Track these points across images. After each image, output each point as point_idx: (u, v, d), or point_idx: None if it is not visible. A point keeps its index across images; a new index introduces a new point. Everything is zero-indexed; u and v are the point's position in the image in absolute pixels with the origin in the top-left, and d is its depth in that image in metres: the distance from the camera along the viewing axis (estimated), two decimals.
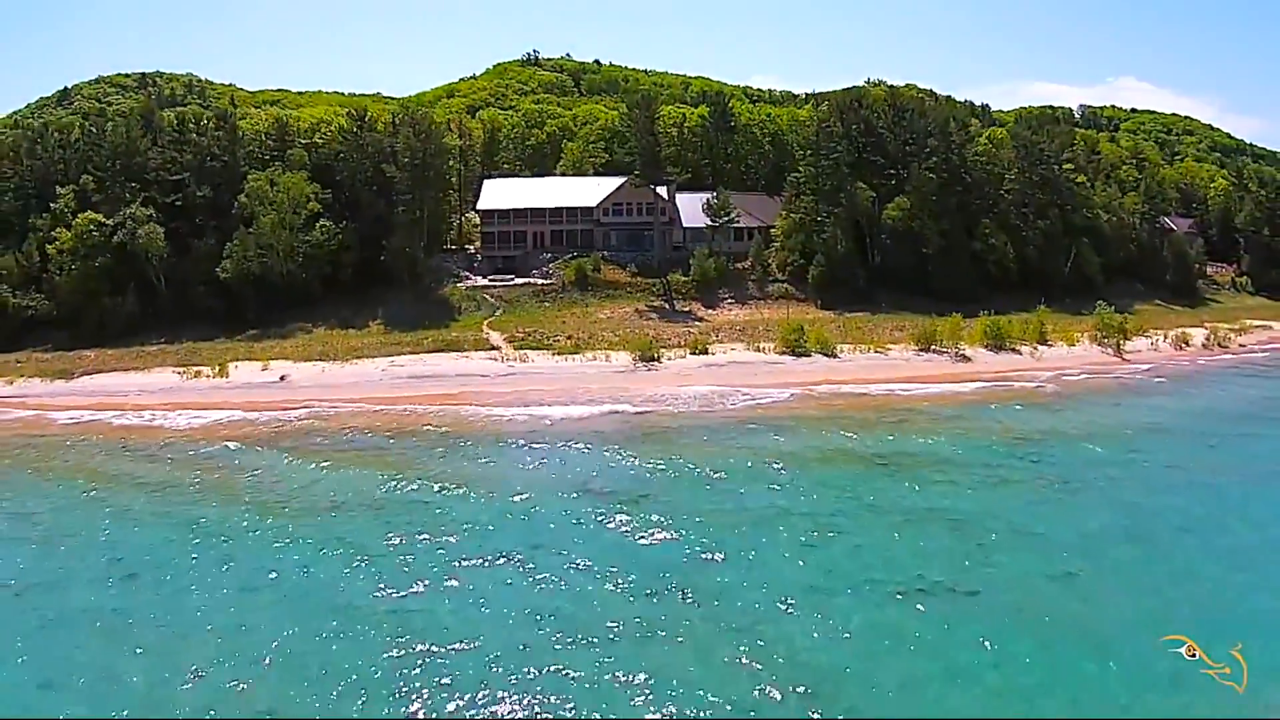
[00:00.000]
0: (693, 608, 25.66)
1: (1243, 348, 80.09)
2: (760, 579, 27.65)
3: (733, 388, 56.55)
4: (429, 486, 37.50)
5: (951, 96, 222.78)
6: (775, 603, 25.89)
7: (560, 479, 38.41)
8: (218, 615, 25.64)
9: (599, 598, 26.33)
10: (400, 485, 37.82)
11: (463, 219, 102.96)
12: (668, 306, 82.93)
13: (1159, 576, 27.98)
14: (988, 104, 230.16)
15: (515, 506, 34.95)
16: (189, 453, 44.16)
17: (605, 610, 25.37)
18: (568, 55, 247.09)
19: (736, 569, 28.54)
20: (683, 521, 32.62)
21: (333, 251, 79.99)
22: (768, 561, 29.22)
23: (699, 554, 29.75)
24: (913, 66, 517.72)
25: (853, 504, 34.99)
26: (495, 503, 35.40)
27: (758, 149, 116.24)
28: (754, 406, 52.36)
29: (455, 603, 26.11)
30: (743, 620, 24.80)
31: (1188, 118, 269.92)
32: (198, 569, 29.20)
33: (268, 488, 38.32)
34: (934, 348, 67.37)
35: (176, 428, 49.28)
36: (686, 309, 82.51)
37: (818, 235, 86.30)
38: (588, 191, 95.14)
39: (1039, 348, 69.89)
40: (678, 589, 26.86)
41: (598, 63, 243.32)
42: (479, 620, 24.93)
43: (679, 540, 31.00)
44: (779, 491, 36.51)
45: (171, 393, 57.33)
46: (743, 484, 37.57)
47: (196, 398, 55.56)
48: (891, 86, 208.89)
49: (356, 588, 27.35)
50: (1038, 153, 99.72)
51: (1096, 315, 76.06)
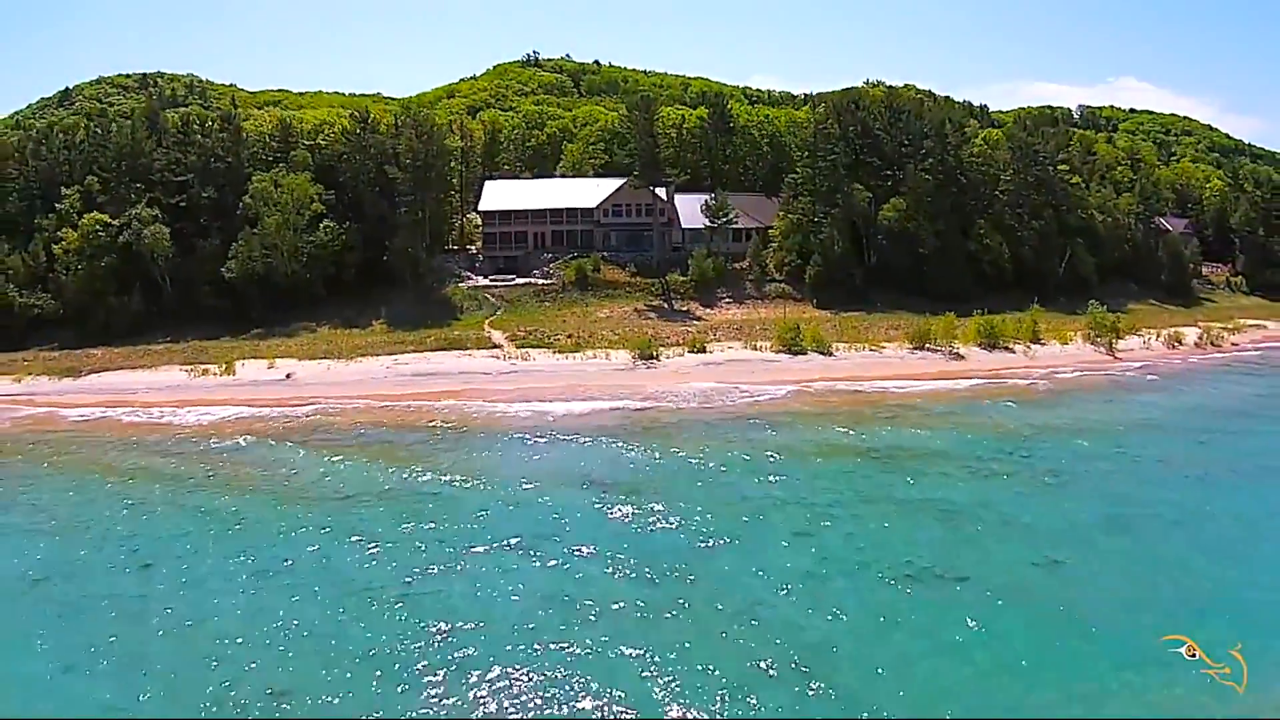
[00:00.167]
0: (694, 591, 26.81)
1: (1235, 346, 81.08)
2: (758, 564, 28.86)
3: (730, 385, 57.65)
4: (437, 478, 38.70)
5: (950, 97, 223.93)
6: (773, 586, 27.12)
7: (564, 471, 39.56)
8: (236, 599, 26.78)
9: (603, 581, 27.51)
10: (409, 476, 38.99)
11: (464, 219, 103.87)
12: (666, 306, 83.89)
13: (1143, 564, 29.15)
14: (986, 104, 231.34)
15: (521, 496, 36.11)
16: (201, 447, 45.23)
17: (609, 593, 26.55)
18: (567, 56, 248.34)
19: (736, 555, 29.76)
20: (683, 511, 33.81)
21: (336, 252, 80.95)
22: (766, 548, 30.44)
23: (699, 541, 30.93)
24: (913, 66, 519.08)
25: (848, 495, 36.19)
26: (501, 493, 36.59)
27: (756, 150, 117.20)
28: (751, 403, 53.44)
29: (466, 586, 27.32)
30: (742, 602, 26.00)
31: (1186, 118, 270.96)
32: (215, 556, 30.34)
33: (281, 479, 39.45)
34: (928, 346, 68.47)
35: (187, 424, 50.28)
36: (685, 308, 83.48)
37: (815, 236, 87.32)
38: (587, 192, 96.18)
39: (1032, 346, 70.98)
40: (679, 574, 28.04)
41: (597, 63, 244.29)
42: (489, 602, 26.15)
43: (679, 528, 32.21)
44: (776, 483, 37.69)
45: (179, 390, 58.28)
46: (741, 476, 38.76)
47: (204, 395, 56.51)
48: (890, 87, 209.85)
49: (371, 572, 28.52)
50: (1033, 154, 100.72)
51: (1089, 314, 77.27)
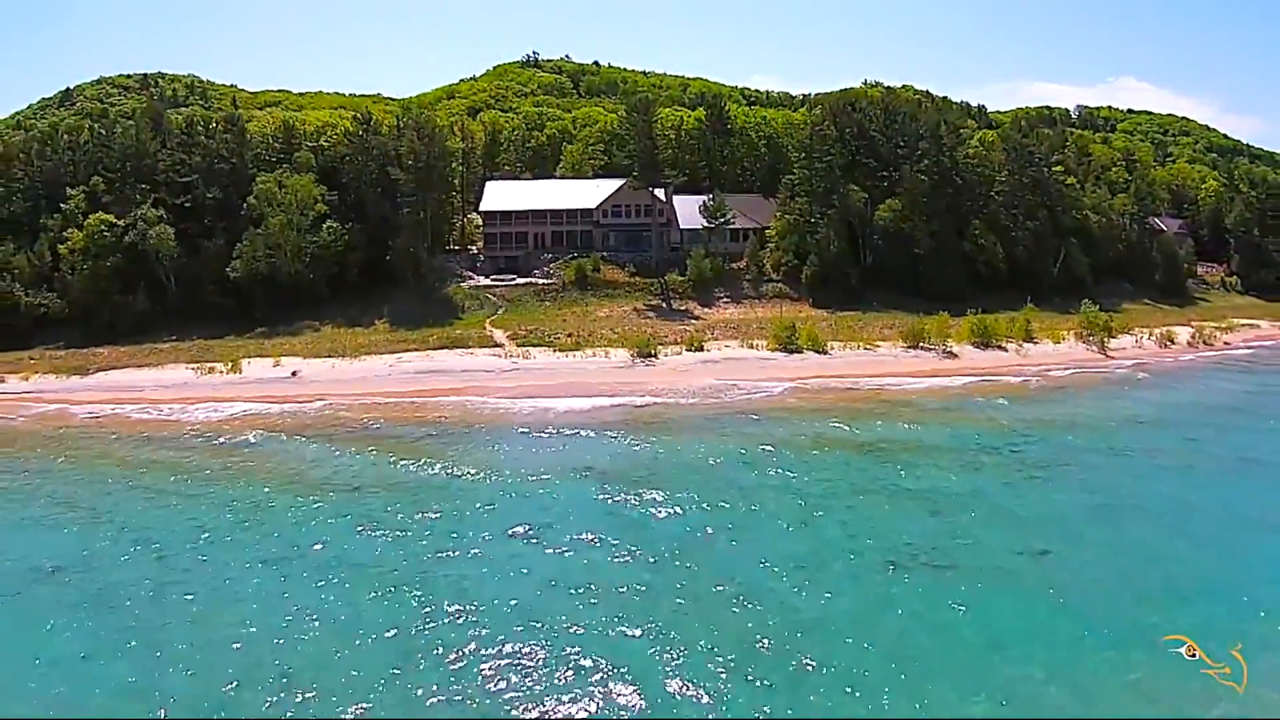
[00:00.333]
0: (694, 574, 28.07)
1: (1227, 345, 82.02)
2: (756, 550, 30.17)
3: (727, 382, 58.80)
4: (445, 470, 39.97)
5: (948, 98, 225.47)
6: (770, 570, 28.40)
7: (567, 463, 40.80)
8: (255, 584, 27.94)
9: (608, 566, 28.80)
10: (418, 469, 40.23)
11: (465, 220, 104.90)
12: (665, 305, 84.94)
13: (1127, 551, 30.35)
14: (984, 105, 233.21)
15: (526, 487, 37.40)
16: (214, 441, 46.38)
17: (614, 576, 27.85)
18: (567, 57, 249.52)
19: (734, 541, 31.07)
20: (682, 500, 35.07)
21: (339, 252, 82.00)
22: (763, 535, 31.75)
23: (698, 529, 32.20)
24: (913, 67, 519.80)
25: (842, 485, 37.39)
26: (508, 483, 37.86)
27: (753, 151, 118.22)
28: (748, 399, 54.56)
29: (478, 571, 28.58)
30: (740, 585, 27.21)
31: (1184, 118, 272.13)
32: (233, 544, 31.53)
33: (294, 471, 40.62)
34: (922, 345, 69.56)
35: (197, 420, 51.32)
36: (683, 308, 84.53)
37: (811, 236, 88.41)
38: (587, 193, 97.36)
39: (1024, 345, 72.01)
40: (679, 559, 29.31)
41: (596, 64, 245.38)
42: (501, 585, 27.40)
43: (680, 516, 33.49)
44: (773, 474, 38.95)
45: (186, 388, 59.30)
46: (738, 467, 40.01)
47: (211, 392, 57.52)
48: (888, 88, 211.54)
49: (385, 558, 29.76)
50: (1027, 155, 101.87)
51: (1082, 314, 78.24)
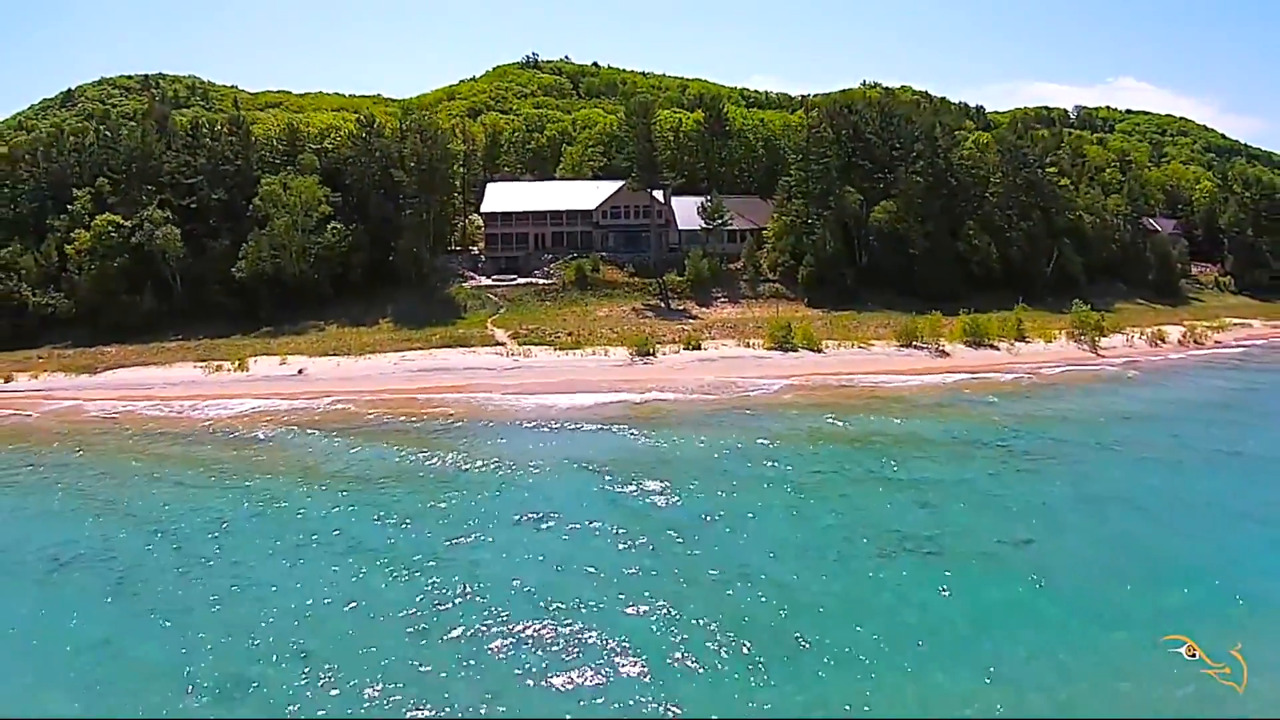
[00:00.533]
0: (694, 558, 29.63)
1: (1219, 344, 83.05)
2: (753, 536, 31.75)
3: (724, 380, 60.29)
4: (454, 461, 41.57)
5: (947, 98, 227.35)
6: (767, 555, 29.96)
7: (570, 455, 42.31)
8: (274, 570, 29.35)
9: (612, 551, 30.38)
10: (427, 461, 41.82)
11: (466, 221, 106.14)
12: (663, 305, 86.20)
13: (1110, 539, 31.75)
14: (983, 105, 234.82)
15: (532, 477, 38.99)
16: (228, 436, 47.83)
17: (618, 560, 29.43)
18: (566, 58, 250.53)
19: (732, 528, 32.60)
20: (682, 490, 36.63)
21: (343, 252, 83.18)
22: (760, 522, 33.25)
23: (698, 516, 33.71)
24: (912, 67, 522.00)
25: (835, 476, 38.92)
26: (514, 474, 39.46)
27: (751, 153, 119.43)
28: (744, 396, 56.03)
29: (488, 556, 30.09)
30: (738, 568, 28.77)
31: (1183, 119, 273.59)
32: (252, 532, 32.95)
33: (307, 463, 42.06)
34: (915, 344, 70.86)
35: (209, 416, 52.68)
36: (681, 307, 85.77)
37: (807, 237, 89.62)
38: (587, 195, 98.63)
39: (1016, 344, 73.32)
40: (680, 544, 30.88)
41: (596, 65, 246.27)
42: (510, 570, 28.92)
43: (680, 505, 35.05)
44: (768, 465, 40.52)
45: (195, 385, 60.63)
46: (735, 459, 41.52)
47: (220, 390, 58.91)
48: (886, 89, 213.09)
49: (399, 544, 31.28)
50: (1021, 157, 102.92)
51: (1073, 313, 79.46)
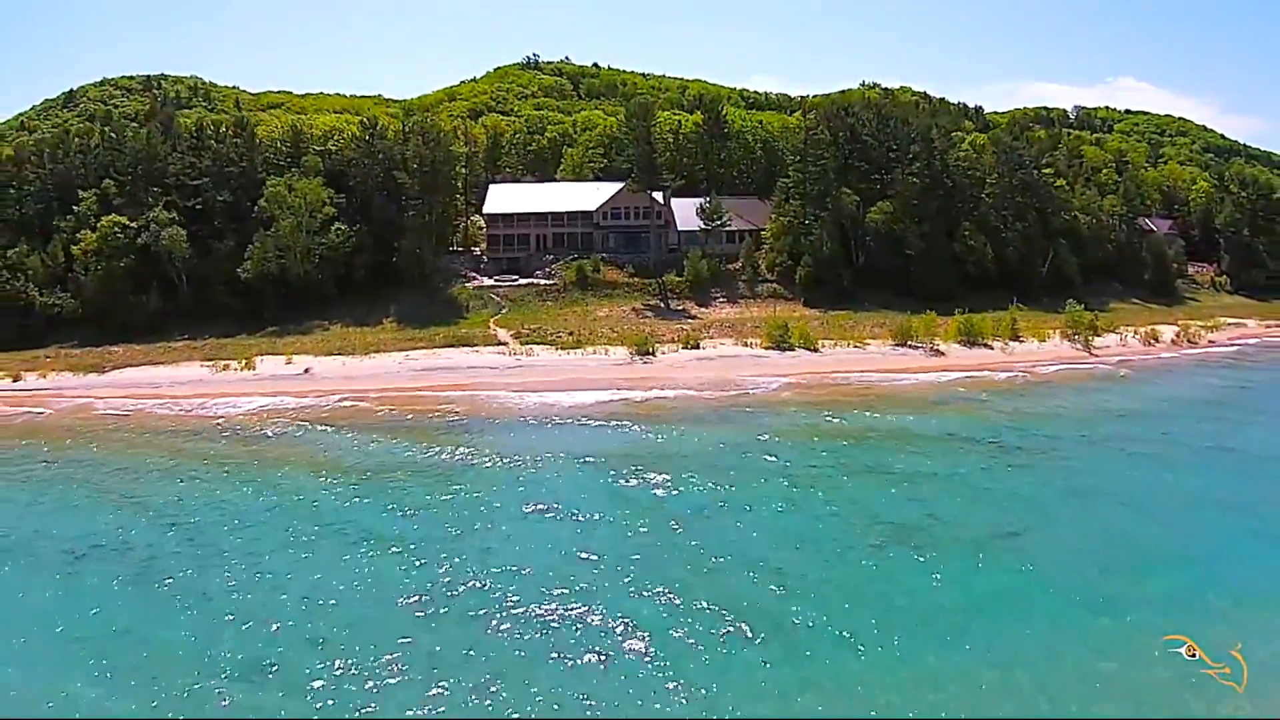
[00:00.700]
0: (696, 546, 30.96)
1: (1212, 343, 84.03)
2: (752, 524, 33.14)
3: (722, 378, 61.49)
4: (461, 455, 42.96)
5: (946, 99, 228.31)
6: (765, 542, 31.34)
7: (574, 450, 43.63)
8: (290, 558, 30.61)
9: (617, 539, 31.78)
10: (436, 454, 43.19)
11: (468, 222, 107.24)
12: (663, 305, 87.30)
13: (1096, 529, 33.05)
14: (981, 106, 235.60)
15: (537, 470, 40.43)
16: (239, 432, 49.05)
17: (623, 547, 30.82)
18: (566, 59, 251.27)
19: (731, 517, 34.01)
20: (682, 482, 37.93)
21: (347, 253, 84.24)
22: (758, 512, 34.59)
23: (699, 507, 35.10)
24: (913, 67, 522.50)
25: (831, 470, 40.21)
26: (520, 467, 40.85)
27: (750, 155, 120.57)
28: (742, 394, 57.26)
29: (499, 544, 31.45)
30: (738, 554, 30.14)
31: (1181, 119, 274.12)
32: (266, 523, 34.16)
33: (319, 458, 43.31)
34: (910, 343, 71.98)
35: (218, 413, 53.84)
36: (681, 307, 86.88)
37: (805, 238, 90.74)
38: (587, 196, 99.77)
39: (1010, 343, 74.38)
40: (681, 533, 32.24)
41: (596, 66, 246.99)
42: (520, 556, 30.30)
43: (681, 496, 36.37)
44: (766, 459, 41.84)
45: (202, 384, 61.68)
46: (733, 453, 42.81)
47: (228, 388, 59.99)
48: (886, 89, 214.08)
49: (412, 532, 32.63)
50: (1017, 158, 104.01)
51: (1067, 313, 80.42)
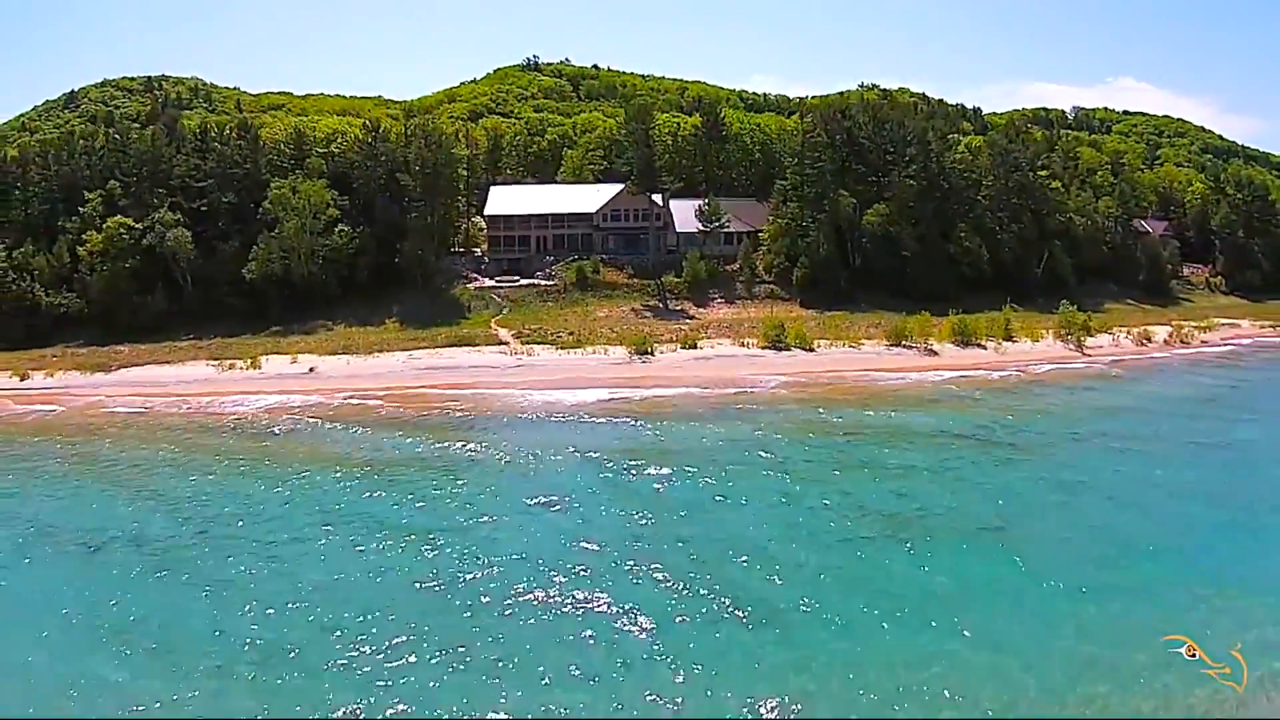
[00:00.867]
0: (694, 535, 32.22)
1: (1205, 344, 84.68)
2: (749, 516, 34.39)
3: (719, 377, 62.56)
4: (466, 450, 44.17)
5: (944, 100, 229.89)
6: (762, 532, 32.61)
7: (576, 445, 44.83)
8: (305, 547, 31.79)
9: (619, 528, 33.02)
10: (442, 449, 44.42)
11: (470, 223, 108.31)
12: (662, 305, 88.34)
13: (1081, 519, 34.21)
14: (979, 107, 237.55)
15: (541, 464, 41.71)
16: (249, 429, 50.16)
17: (625, 536, 32.08)
18: (566, 60, 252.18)
19: (729, 507, 35.30)
20: (682, 476, 39.21)
21: (350, 254, 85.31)
22: (755, 504, 35.85)
23: (697, 498, 36.37)
24: (912, 67, 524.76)
25: (826, 464, 41.47)
26: (525, 461, 42.16)
27: (748, 157, 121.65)
28: (739, 392, 58.35)
29: (504, 532, 32.74)
30: (735, 543, 31.38)
31: (1180, 120, 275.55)
32: (280, 514, 35.30)
33: (327, 453, 44.43)
34: (904, 343, 72.95)
35: (227, 411, 54.82)
36: (679, 308, 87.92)
37: (802, 239, 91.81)
38: (587, 198, 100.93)
39: (1004, 343, 75.33)
40: (682, 522, 33.56)
41: (596, 68, 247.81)
42: (527, 543, 31.61)
43: (681, 489, 37.65)
44: (763, 454, 43.00)
45: (210, 383, 62.58)
46: (731, 449, 43.94)
47: (234, 387, 60.92)
48: (885, 91, 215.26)
49: (424, 522, 33.86)
50: (1013, 160, 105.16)
51: (1060, 313, 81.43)
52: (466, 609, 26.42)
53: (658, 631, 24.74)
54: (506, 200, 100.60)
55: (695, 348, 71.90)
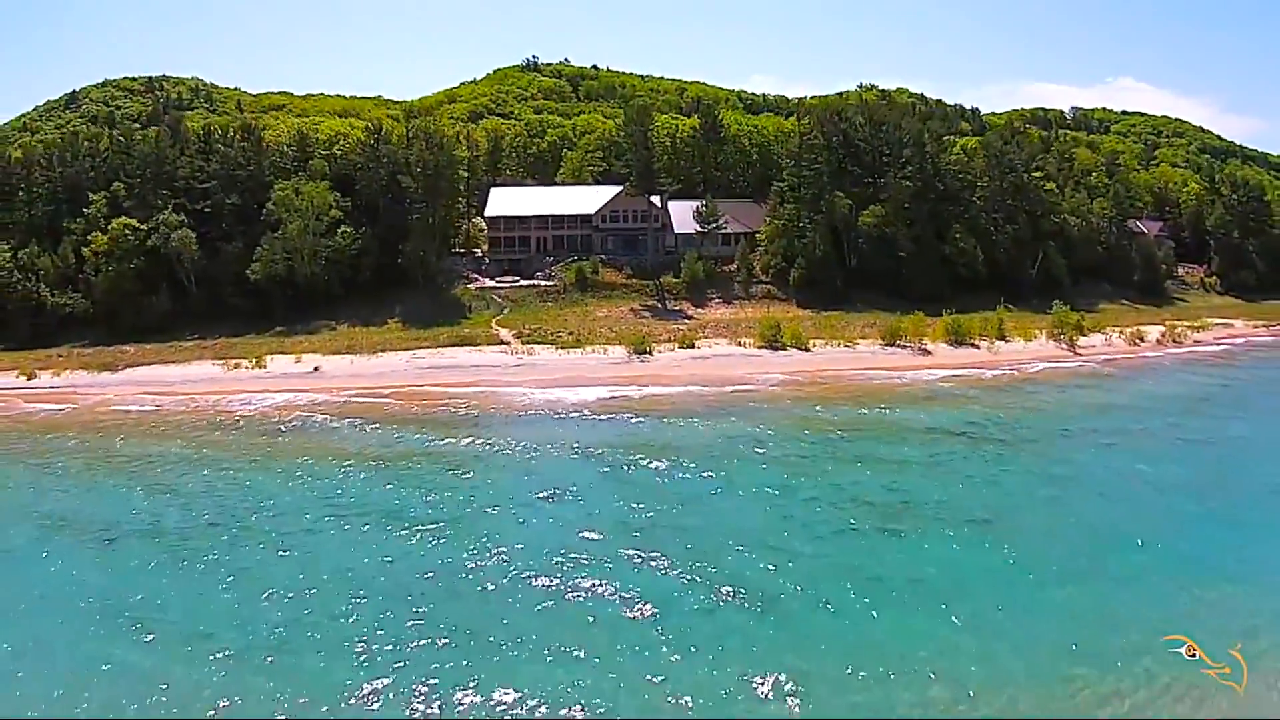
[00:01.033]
0: (694, 524, 33.54)
1: (1197, 343, 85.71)
2: (746, 506, 35.77)
3: (716, 375, 63.79)
4: (473, 446, 45.46)
5: (942, 100, 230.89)
6: (759, 521, 33.94)
7: (577, 440, 46.10)
8: (320, 535, 33.05)
9: (621, 518, 34.27)
10: (449, 444, 45.74)
11: (470, 224, 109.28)
12: (660, 305, 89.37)
13: (1068, 511, 35.35)
14: (978, 108, 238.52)
15: (545, 458, 43.02)
16: (257, 425, 51.23)
17: (627, 525, 33.32)
18: (566, 60, 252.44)
19: (726, 498, 36.69)
20: (682, 469, 40.52)
21: (353, 255, 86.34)
22: (750, 495, 37.18)
23: (695, 490, 37.65)
24: (912, 67, 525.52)
25: (821, 459, 42.70)
26: (528, 455, 43.46)
27: (745, 158, 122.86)
28: (735, 390, 59.50)
29: (512, 519, 34.19)
30: (733, 532, 32.66)
31: (1178, 120, 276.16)
32: (294, 505, 36.52)
33: (336, 447, 45.61)
34: (898, 343, 74.06)
35: (235, 408, 55.87)
36: (677, 308, 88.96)
37: (799, 240, 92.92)
38: (587, 200, 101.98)
39: (997, 343, 76.45)
40: (680, 511, 34.97)
41: (595, 68, 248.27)
42: (532, 531, 33.07)
43: (678, 482, 38.92)
44: (759, 449, 44.30)
45: (216, 382, 63.66)
46: (728, 444, 45.21)
47: (241, 386, 61.99)
48: (883, 91, 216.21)
49: (432, 511, 35.19)
50: (1008, 162, 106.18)
51: (1053, 313, 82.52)
52: (475, 594, 27.58)
53: (658, 615, 25.88)
54: (507, 201, 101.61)
55: (693, 347, 72.98)
